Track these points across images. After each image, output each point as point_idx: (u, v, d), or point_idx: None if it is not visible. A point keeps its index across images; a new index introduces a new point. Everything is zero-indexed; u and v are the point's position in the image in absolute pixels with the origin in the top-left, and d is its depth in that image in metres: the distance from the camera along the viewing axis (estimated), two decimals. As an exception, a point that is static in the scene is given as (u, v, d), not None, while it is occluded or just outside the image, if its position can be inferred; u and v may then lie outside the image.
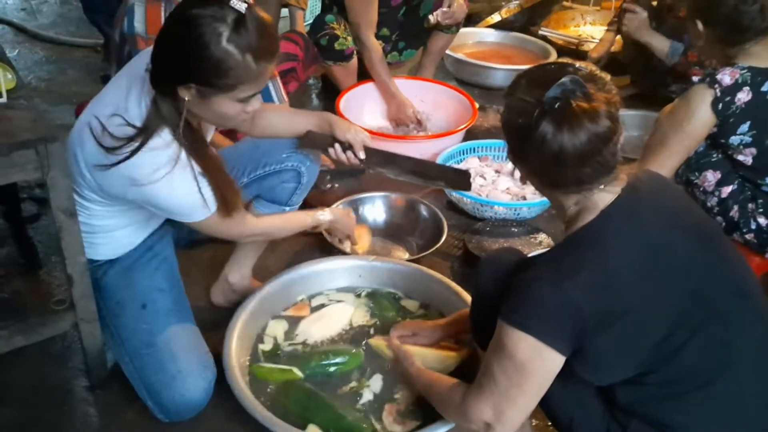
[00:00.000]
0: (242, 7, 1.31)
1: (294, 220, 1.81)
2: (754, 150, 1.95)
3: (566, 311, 1.16)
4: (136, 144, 1.39)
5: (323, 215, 1.86)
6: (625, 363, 1.22)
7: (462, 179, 1.82)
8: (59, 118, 2.89)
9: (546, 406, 1.32)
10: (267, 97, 2.38)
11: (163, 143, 1.40)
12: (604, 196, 1.23)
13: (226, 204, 1.51)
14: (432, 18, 2.97)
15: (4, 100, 1.49)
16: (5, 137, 1.36)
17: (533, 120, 1.18)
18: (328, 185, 2.47)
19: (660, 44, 2.82)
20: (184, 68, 1.35)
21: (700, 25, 1.99)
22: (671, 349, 1.19)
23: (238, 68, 1.33)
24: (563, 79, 1.17)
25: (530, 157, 1.23)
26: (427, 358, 1.66)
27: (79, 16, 3.65)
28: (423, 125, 2.97)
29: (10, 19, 3.87)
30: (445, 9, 2.95)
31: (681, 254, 1.22)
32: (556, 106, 1.17)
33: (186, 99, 1.37)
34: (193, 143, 1.44)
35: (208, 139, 1.67)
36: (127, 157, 1.38)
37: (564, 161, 1.19)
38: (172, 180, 1.40)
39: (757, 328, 1.25)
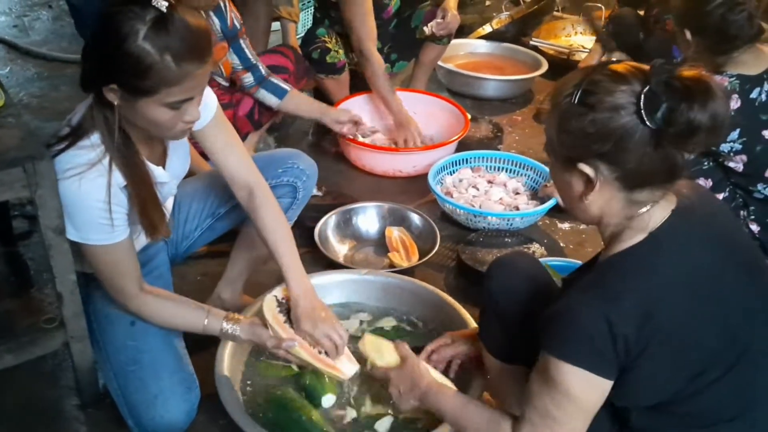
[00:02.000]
0: (163, 6, 1.28)
1: (188, 320, 1.58)
2: (744, 157, 1.96)
3: (614, 340, 1.11)
4: (66, 143, 1.40)
5: (227, 326, 1.57)
6: (654, 393, 1.18)
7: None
8: (51, 135, 2.88)
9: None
10: None
11: (90, 145, 1.40)
12: (655, 214, 1.17)
13: (149, 224, 1.48)
14: (427, 29, 2.98)
15: (-8, 118, 1.49)
16: (-8, 156, 1.36)
17: (649, 110, 1.07)
18: (318, 192, 2.47)
19: None
20: (103, 67, 1.33)
21: (688, 35, 2.00)
22: (702, 384, 1.16)
23: (157, 68, 1.29)
24: (655, 62, 1.09)
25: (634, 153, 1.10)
26: None
27: (71, 32, 3.64)
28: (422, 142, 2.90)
29: (2, 36, 3.86)
30: (439, 20, 2.96)
31: (726, 288, 1.18)
32: (674, 85, 1.06)
33: (116, 103, 1.36)
34: (124, 153, 1.42)
35: (181, 159, 1.63)
36: (56, 155, 1.39)
37: (697, 136, 1.07)
38: (80, 181, 1.38)
39: None
